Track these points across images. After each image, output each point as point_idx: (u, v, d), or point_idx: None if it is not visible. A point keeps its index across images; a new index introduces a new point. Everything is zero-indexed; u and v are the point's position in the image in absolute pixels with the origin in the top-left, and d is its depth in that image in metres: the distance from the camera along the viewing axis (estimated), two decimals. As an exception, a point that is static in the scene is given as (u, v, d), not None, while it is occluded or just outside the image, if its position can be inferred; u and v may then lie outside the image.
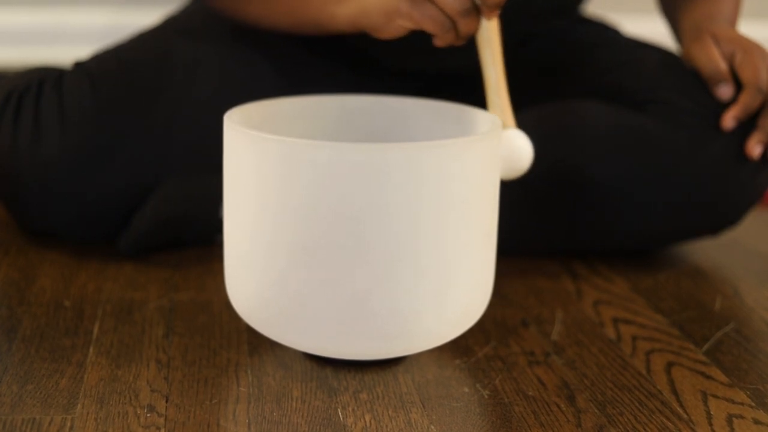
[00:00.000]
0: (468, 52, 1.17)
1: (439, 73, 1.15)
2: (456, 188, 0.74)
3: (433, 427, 0.73)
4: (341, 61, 1.15)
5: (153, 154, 1.02)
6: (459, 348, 0.85)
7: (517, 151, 0.88)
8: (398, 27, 0.92)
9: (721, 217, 1.05)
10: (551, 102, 1.10)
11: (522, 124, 1.06)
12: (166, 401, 0.75)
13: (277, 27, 1.04)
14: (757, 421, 0.75)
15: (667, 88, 1.05)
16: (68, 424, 0.72)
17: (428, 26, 0.90)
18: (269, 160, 0.74)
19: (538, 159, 1.04)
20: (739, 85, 1.02)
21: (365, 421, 0.73)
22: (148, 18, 1.51)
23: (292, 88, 1.07)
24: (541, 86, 1.15)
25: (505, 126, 0.89)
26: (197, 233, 1.06)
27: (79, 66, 1.07)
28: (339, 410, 0.75)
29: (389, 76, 1.15)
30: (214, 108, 0.98)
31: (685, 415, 0.75)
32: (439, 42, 0.91)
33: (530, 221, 1.05)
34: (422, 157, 0.72)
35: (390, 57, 1.13)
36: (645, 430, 0.73)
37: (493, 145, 0.78)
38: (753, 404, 0.78)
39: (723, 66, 1.01)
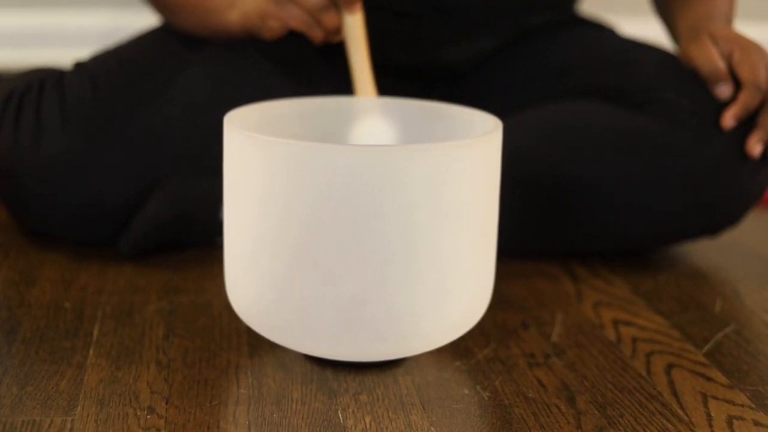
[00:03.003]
0: (463, 45, 1.17)
1: (436, 67, 1.15)
2: (455, 190, 0.74)
3: (433, 428, 0.73)
4: (340, 61, 1.15)
5: (153, 156, 1.02)
6: (459, 350, 0.85)
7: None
8: (272, 28, 0.99)
9: (721, 217, 1.05)
10: (550, 103, 1.10)
11: (521, 124, 1.06)
12: (166, 403, 0.75)
13: (197, 34, 1.07)
14: (757, 423, 0.75)
15: (665, 88, 1.05)
16: (68, 425, 0.72)
17: (294, 24, 0.98)
18: (270, 162, 0.74)
19: (537, 160, 1.04)
20: (738, 84, 1.02)
21: (365, 423, 0.73)
22: (148, 19, 1.51)
23: (292, 89, 1.07)
24: (540, 87, 1.15)
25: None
26: (197, 235, 1.06)
27: (80, 66, 1.07)
28: (339, 412, 0.75)
29: (386, 76, 1.15)
30: (213, 109, 0.98)
31: (685, 417, 0.75)
32: (314, 40, 1.00)
33: (530, 223, 1.05)
34: (421, 159, 0.72)
35: (382, 52, 1.13)
36: (645, 431, 0.73)
37: (493, 147, 0.78)
38: (753, 406, 0.78)
39: (721, 65, 1.01)
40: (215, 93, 1.04)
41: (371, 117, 0.91)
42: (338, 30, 0.99)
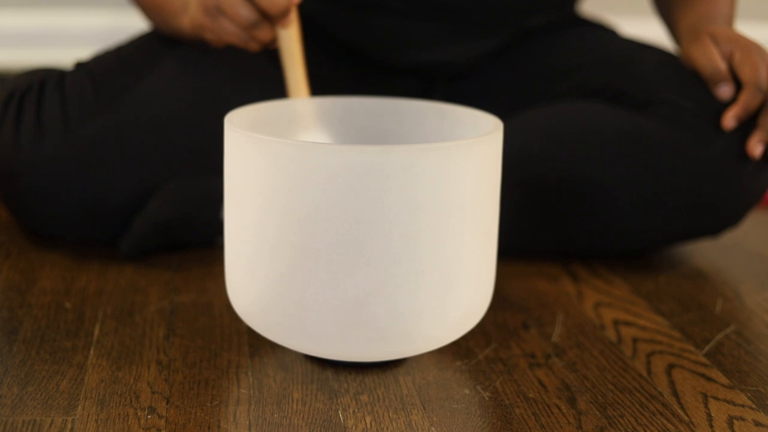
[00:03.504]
0: (464, 46, 1.17)
1: (436, 67, 1.15)
2: (457, 190, 0.74)
3: (433, 428, 0.73)
4: (340, 62, 1.15)
5: (154, 155, 1.02)
6: (460, 350, 0.85)
7: None
8: (210, 40, 1.00)
9: (721, 217, 1.05)
10: (551, 103, 1.10)
11: (522, 124, 1.06)
12: (167, 403, 0.75)
13: (169, 35, 1.08)
14: (757, 423, 0.75)
15: (666, 88, 1.05)
16: (69, 425, 0.72)
17: (228, 39, 0.98)
18: (271, 162, 0.74)
19: (538, 160, 1.04)
20: (738, 85, 1.02)
21: (366, 423, 0.73)
22: (148, 20, 1.51)
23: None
24: (541, 87, 1.15)
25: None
26: (198, 235, 1.07)
27: (81, 66, 1.07)
28: (340, 412, 0.75)
29: (387, 76, 1.15)
30: (214, 109, 0.98)
31: (685, 417, 0.75)
32: (251, 51, 1.00)
33: (531, 223, 1.05)
34: (423, 159, 0.72)
35: (383, 52, 1.13)
36: (645, 431, 0.73)
37: (494, 147, 0.78)
38: (754, 406, 0.78)
39: (722, 66, 1.01)
40: (215, 93, 1.04)
41: (373, 117, 0.91)
42: (274, 42, 0.99)
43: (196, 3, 0.98)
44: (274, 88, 1.03)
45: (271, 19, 0.95)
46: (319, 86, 1.07)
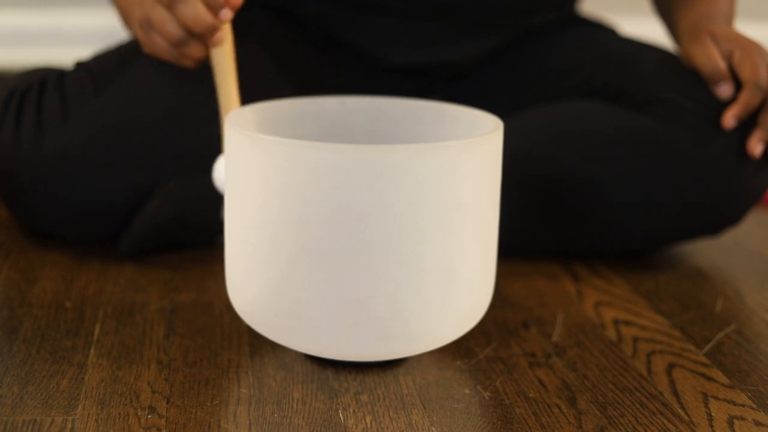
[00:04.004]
0: (464, 46, 1.17)
1: (436, 67, 1.15)
2: (457, 189, 0.74)
3: (433, 428, 0.73)
4: (340, 60, 1.15)
5: (154, 155, 1.02)
6: (460, 349, 0.85)
7: None
8: (148, 54, 1.00)
9: (721, 216, 1.05)
10: (551, 103, 1.10)
11: (522, 124, 1.06)
12: (167, 402, 0.75)
13: None
14: (758, 423, 0.75)
15: (666, 87, 1.05)
16: (69, 425, 0.72)
17: (161, 55, 0.98)
18: (271, 161, 0.74)
19: (538, 160, 1.04)
20: (738, 84, 1.02)
21: (366, 423, 0.73)
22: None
23: (292, 87, 1.07)
24: (540, 87, 1.15)
25: None
26: (198, 234, 1.06)
27: (81, 65, 1.07)
28: (340, 412, 0.75)
29: (388, 75, 1.15)
30: (214, 109, 0.98)
31: (686, 417, 0.75)
32: (185, 66, 0.99)
33: (531, 223, 1.05)
34: (424, 159, 0.72)
35: (383, 52, 1.13)
36: (646, 431, 0.73)
37: (494, 146, 0.78)
38: (754, 406, 0.78)
39: (722, 65, 1.01)
40: (214, 92, 1.04)
41: (373, 117, 0.91)
42: (206, 59, 0.97)
43: (135, 17, 0.98)
44: (275, 88, 1.03)
45: (199, 37, 0.94)
46: (319, 86, 1.07)
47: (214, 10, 0.93)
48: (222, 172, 0.85)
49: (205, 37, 0.94)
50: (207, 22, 0.92)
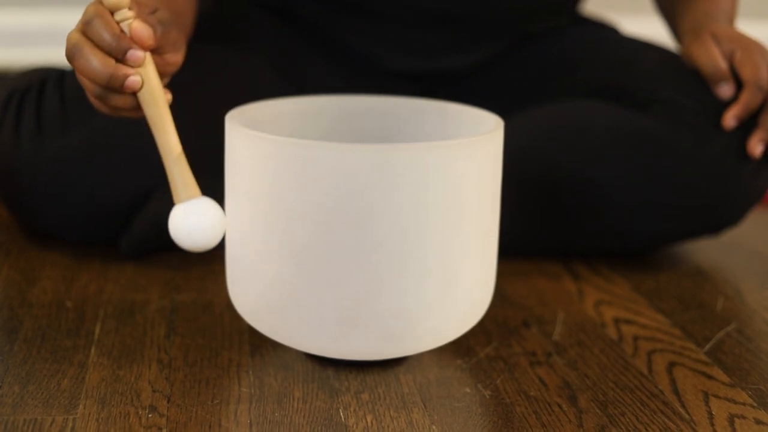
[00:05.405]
0: (465, 53, 1.17)
1: (437, 73, 1.15)
2: (459, 188, 0.74)
3: (434, 427, 0.73)
4: (341, 62, 1.15)
5: (154, 155, 1.02)
6: (460, 348, 0.85)
7: (210, 221, 0.76)
8: None
9: (722, 216, 1.05)
10: (552, 102, 1.10)
11: (522, 124, 1.06)
12: (168, 402, 0.75)
13: None
14: (758, 421, 0.75)
15: (667, 87, 1.05)
16: (70, 424, 0.72)
17: (88, 88, 0.81)
18: (273, 161, 0.74)
19: (539, 159, 1.04)
20: (739, 84, 1.02)
21: (367, 422, 0.73)
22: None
23: (293, 88, 1.07)
24: (541, 86, 1.15)
25: (188, 196, 0.78)
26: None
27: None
28: (340, 411, 0.75)
29: (389, 78, 1.15)
30: (214, 108, 0.98)
31: (686, 416, 0.75)
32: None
33: (531, 222, 1.05)
34: (426, 158, 0.72)
35: (385, 59, 1.13)
36: (646, 430, 0.73)
37: (496, 145, 0.78)
38: (755, 404, 0.78)
39: (723, 65, 1.01)
40: (215, 92, 1.04)
41: (373, 116, 0.91)
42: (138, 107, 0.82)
43: None
44: (275, 89, 1.03)
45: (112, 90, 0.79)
46: (319, 87, 1.07)
47: (117, 56, 0.77)
48: (177, 226, 0.78)
49: (115, 90, 0.78)
50: (107, 73, 0.76)
